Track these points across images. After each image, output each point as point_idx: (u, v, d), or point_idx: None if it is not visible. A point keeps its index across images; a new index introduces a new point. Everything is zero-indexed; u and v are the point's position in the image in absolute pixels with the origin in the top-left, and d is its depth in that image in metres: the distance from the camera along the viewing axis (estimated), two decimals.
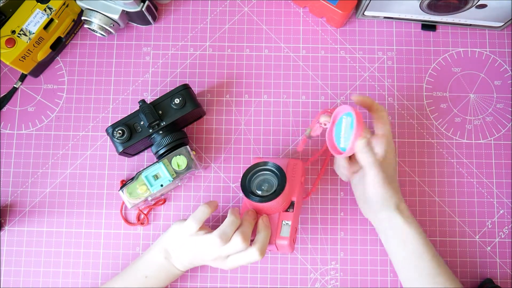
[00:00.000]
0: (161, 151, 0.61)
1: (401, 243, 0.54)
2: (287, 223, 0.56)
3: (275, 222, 0.56)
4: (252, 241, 0.55)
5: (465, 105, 0.67)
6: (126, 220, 0.65)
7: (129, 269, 0.59)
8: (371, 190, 0.54)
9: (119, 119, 0.61)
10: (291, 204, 0.57)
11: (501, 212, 0.64)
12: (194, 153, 0.61)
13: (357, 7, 0.67)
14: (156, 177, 0.60)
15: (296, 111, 0.67)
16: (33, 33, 0.63)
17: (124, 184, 0.61)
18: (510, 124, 0.67)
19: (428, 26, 0.69)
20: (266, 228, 0.55)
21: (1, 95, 0.68)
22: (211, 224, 0.65)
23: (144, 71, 0.69)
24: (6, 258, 0.65)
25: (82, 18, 0.65)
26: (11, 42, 0.62)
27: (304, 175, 0.60)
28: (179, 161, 0.60)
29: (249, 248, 0.53)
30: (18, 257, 0.64)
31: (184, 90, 0.61)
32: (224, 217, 0.65)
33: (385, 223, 0.55)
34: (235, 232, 0.54)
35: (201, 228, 0.55)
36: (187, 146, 0.61)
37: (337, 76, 0.68)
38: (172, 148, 0.61)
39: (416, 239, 0.54)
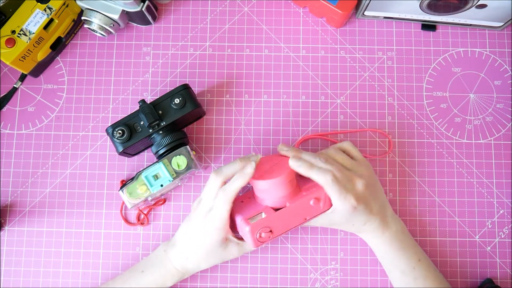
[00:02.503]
0: (161, 151, 0.61)
1: (379, 252, 0.60)
2: (261, 216, 0.53)
3: (258, 209, 0.54)
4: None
5: (465, 105, 0.67)
6: (126, 220, 0.65)
7: (131, 267, 0.60)
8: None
9: (119, 119, 0.61)
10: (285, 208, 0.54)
11: (501, 212, 0.64)
12: (194, 153, 0.61)
13: (357, 7, 0.67)
14: (156, 177, 0.60)
15: (296, 111, 0.67)
16: (33, 33, 0.63)
17: (124, 184, 0.61)
18: (510, 124, 0.67)
19: (428, 26, 0.69)
20: (241, 177, 0.54)
21: (1, 95, 0.68)
22: None
23: (144, 71, 0.69)
24: (6, 258, 0.65)
25: (82, 18, 0.65)
26: (11, 42, 0.62)
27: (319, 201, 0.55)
28: (179, 161, 0.60)
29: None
30: (18, 257, 0.65)
31: (184, 90, 0.61)
32: None
33: (365, 238, 0.61)
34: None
35: None
36: (187, 146, 0.61)
37: (337, 76, 0.68)
38: (172, 148, 0.61)
39: (390, 247, 0.58)
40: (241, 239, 0.57)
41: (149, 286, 0.57)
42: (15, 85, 0.69)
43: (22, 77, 0.69)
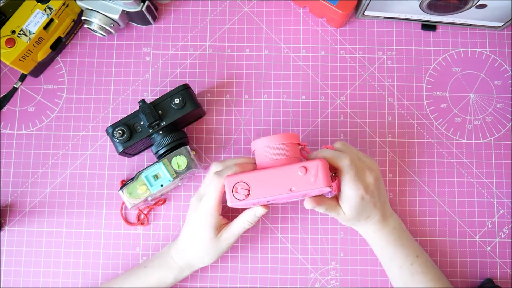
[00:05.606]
0: (161, 151, 0.61)
1: (377, 248, 0.60)
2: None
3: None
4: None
5: (465, 105, 0.67)
6: (126, 220, 0.65)
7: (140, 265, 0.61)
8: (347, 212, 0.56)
9: (119, 119, 0.61)
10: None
11: (501, 212, 0.64)
12: (194, 153, 0.61)
13: (357, 7, 0.67)
14: (156, 177, 0.60)
15: (296, 111, 0.67)
16: (33, 33, 0.63)
17: (124, 184, 0.61)
18: (510, 124, 0.67)
19: (428, 26, 0.69)
20: (239, 167, 0.52)
21: (1, 95, 0.68)
22: None
23: (144, 71, 0.69)
24: (6, 258, 0.65)
25: (82, 18, 0.65)
26: (11, 42, 0.62)
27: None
28: (179, 161, 0.60)
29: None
30: (18, 257, 0.65)
31: (184, 90, 0.61)
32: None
33: (364, 233, 0.60)
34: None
35: None
36: (187, 146, 0.61)
37: (337, 76, 0.68)
38: (172, 148, 0.61)
39: (387, 242, 0.58)
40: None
41: (149, 280, 0.58)
42: (15, 85, 0.69)
43: (22, 77, 0.69)
